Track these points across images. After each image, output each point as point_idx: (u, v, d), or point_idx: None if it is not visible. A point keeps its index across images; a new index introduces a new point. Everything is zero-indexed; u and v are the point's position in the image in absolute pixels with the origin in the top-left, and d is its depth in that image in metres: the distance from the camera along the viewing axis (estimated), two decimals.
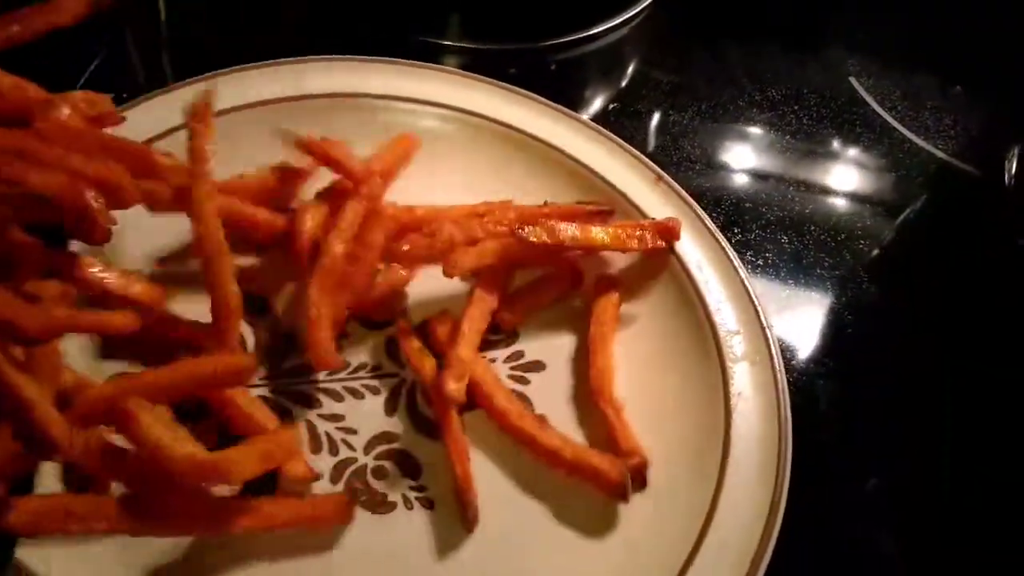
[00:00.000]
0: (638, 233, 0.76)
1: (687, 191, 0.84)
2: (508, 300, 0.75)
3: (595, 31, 1.11)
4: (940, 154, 1.03)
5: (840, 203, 0.97)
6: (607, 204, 0.80)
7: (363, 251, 0.71)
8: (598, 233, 0.75)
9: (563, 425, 0.69)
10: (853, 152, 1.03)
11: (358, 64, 0.88)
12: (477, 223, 0.74)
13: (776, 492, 0.64)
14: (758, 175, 0.99)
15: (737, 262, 0.78)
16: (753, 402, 0.69)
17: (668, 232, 0.77)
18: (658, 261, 0.78)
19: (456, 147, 0.85)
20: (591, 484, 0.64)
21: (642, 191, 0.82)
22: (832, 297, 0.87)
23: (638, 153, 0.85)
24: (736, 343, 0.73)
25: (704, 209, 0.82)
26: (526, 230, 0.72)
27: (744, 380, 0.71)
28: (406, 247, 0.73)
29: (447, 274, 0.71)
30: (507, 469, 0.67)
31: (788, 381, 0.78)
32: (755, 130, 1.04)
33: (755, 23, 1.19)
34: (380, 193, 0.75)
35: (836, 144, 1.03)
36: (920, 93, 1.11)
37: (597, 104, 1.05)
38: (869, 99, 1.09)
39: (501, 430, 0.67)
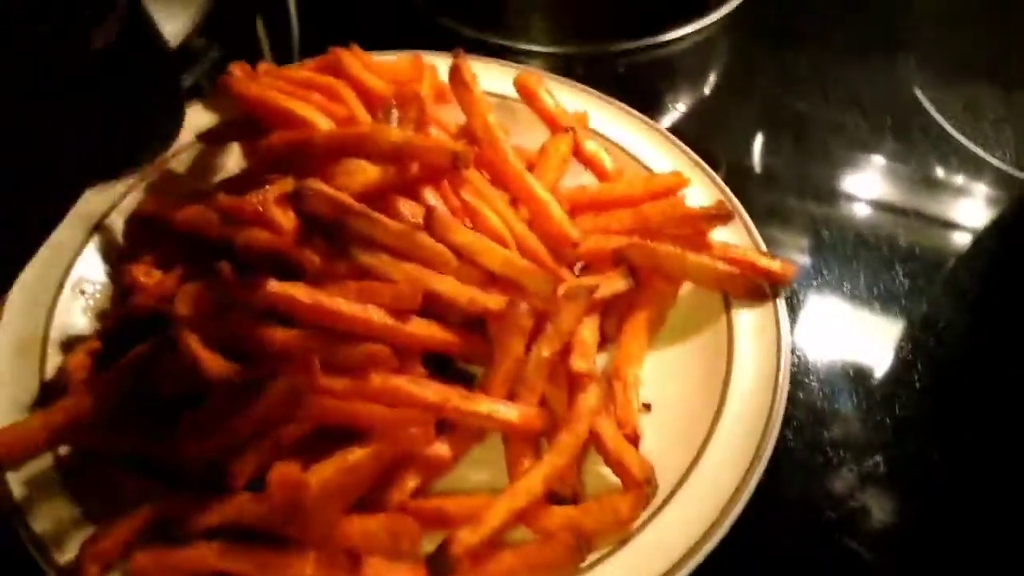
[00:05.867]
0: (747, 281, 0.76)
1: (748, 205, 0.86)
2: (606, 311, 0.77)
3: (666, 38, 1.16)
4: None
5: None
6: (725, 210, 0.79)
7: None
8: (701, 271, 0.76)
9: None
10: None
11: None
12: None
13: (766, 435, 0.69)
14: (823, 195, 1.01)
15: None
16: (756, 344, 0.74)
17: (779, 279, 0.77)
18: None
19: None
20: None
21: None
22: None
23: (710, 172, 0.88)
24: None
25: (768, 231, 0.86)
26: (631, 253, 0.76)
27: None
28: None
29: None
30: None
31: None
32: (825, 144, 1.06)
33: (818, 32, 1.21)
34: None
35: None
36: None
37: (662, 110, 1.08)
38: (932, 110, 1.10)
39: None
